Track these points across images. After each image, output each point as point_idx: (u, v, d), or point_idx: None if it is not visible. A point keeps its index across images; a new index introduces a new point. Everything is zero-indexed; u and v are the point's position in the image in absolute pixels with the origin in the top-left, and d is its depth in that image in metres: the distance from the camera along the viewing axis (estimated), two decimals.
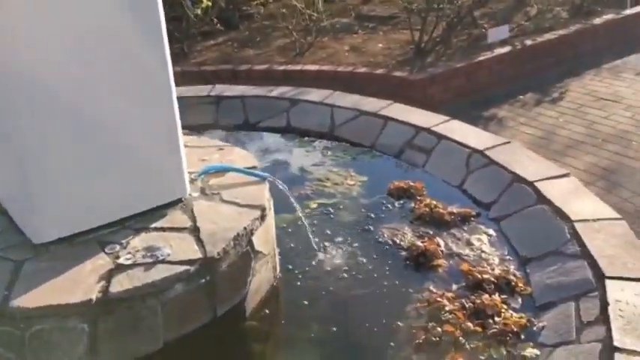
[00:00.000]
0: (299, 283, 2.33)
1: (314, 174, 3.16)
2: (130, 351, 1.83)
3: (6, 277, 1.82)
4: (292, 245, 2.54)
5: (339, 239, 2.58)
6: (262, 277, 2.20)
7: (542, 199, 2.59)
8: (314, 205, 2.83)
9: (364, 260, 2.45)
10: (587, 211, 2.46)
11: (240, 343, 2.11)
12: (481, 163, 2.99)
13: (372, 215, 2.76)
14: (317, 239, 2.54)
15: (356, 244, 2.54)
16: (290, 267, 2.41)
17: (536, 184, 2.69)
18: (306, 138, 3.58)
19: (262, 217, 2.17)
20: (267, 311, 2.20)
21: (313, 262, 2.44)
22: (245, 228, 2.06)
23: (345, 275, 2.37)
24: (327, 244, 2.55)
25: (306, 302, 2.23)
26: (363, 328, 2.11)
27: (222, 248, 1.95)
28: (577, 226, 2.36)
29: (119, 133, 1.98)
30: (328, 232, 2.63)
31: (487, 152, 3.02)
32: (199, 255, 1.91)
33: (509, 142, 3.13)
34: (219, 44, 6.78)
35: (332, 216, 2.76)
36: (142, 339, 1.84)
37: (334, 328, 2.12)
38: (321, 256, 2.47)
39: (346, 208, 2.84)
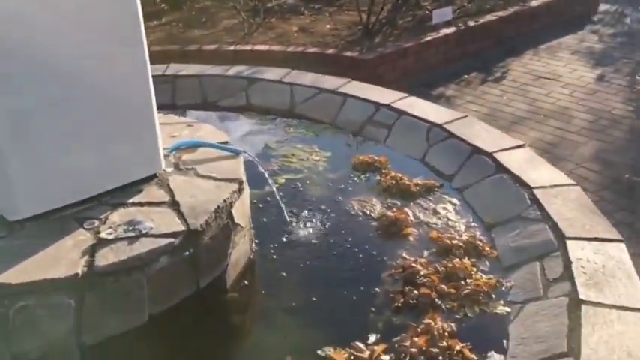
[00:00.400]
0: (275, 256, 2.36)
1: (278, 151, 3.19)
2: (115, 325, 1.82)
3: None
4: (265, 220, 2.56)
5: (311, 212, 2.63)
6: (241, 250, 2.22)
7: (501, 168, 2.72)
8: (282, 181, 2.86)
9: (337, 231, 2.50)
10: (544, 178, 2.60)
11: (222, 315, 2.13)
12: (441, 136, 3.09)
13: (340, 189, 2.82)
14: (289, 213, 2.58)
15: (327, 217, 2.60)
16: (265, 240, 2.44)
17: (494, 155, 2.82)
18: (267, 116, 3.60)
19: (240, 191, 2.19)
20: (246, 282, 2.23)
21: (287, 235, 2.47)
22: (225, 201, 2.07)
23: (320, 246, 2.42)
24: (299, 217, 2.59)
25: (284, 274, 2.27)
26: (341, 295, 2.17)
27: (204, 220, 1.96)
28: (536, 192, 2.50)
29: (95, 108, 1.94)
30: (299, 206, 2.67)
31: (446, 126, 3.13)
32: (182, 228, 1.92)
33: (466, 117, 3.25)
34: (163, 25, 6.64)
35: (301, 190, 2.81)
36: (128, 313, 1.83)
37: (313, 298, 2.17)
38: (294, 229, 2.51)
39: (314, 182, 2.88)
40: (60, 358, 1.77)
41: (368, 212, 2.63)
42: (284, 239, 2.46)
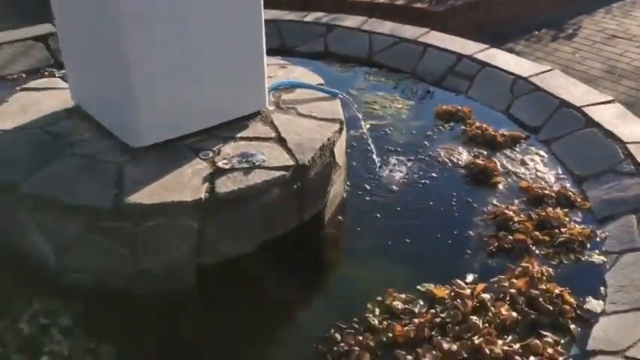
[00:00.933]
0: (367, 198, 2.42)
1: (360, 97, 3.21)
2: (229, 249, 1.93)
3: (111, 177, 1.87)
4: (354, 163, 2.62)
5: (398, 157, 2.67)
6: (337, 189, 2.30)
7: (591, 122, 2.71)
8: (367, 126, 2.90)
9: (425, 176, 2.55)
10: (637, 133, 2.58)
11: (319, 249, 2.22)
12: (526, 89, 3.08)
13: (425, 136, 2.85)
14: (377, 157, 2.63)
15: (415, 162, 2.65)
16: (356, 182, 2.51)
17: (583, 109, 2.80)
18: (346, 64, 3.61)
19: (340, 131, 2.25)
20: (340, 218, 2.31)
21: (377, 178, 2.54)
22: (328, 139, 2.14)
23: (410, 190, 2.48)
24: (387, 161, 2.64)
25: (377, 215, 2.33)
26: (434, 237, 2.23)
27: (311, 157, 2.03)
28: (630, 147, 2.49)
29: (212, 43, 2.01)
30: (386, 150, 2.72)
31: (531, 79, 3.11)
32: (292, 162, 1.99)
33: (551, 70, 3.22)
34: None
35: (386, 136, 2.85)
36: (241, 238, 1.94)
37: (407, 240, 2.22)
38: (383, 172, 2.57)
39: (398, 129, 2.92)
40: (179, 276, 1.89)
41: (455, 160, 2.66)
42: (374, 181, 2.52)
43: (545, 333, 1.76)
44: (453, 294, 1.89)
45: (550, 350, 1.70)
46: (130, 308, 1.85)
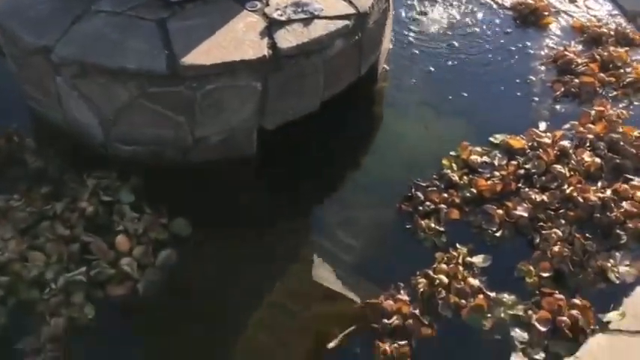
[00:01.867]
0: (415, 50, 2.24)
1: None
2: (291, 111, 1.77)
3: (156, 36, 1.63)
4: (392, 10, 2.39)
5: (436, 2, 2.46)
6: (386, 39, 2.10)
7: None
8: None
9: (471, 21, 2.37)
10: None
11: (374, 106, 2.08)
12: None
13: None
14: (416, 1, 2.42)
15: (456, 6, 2.44)
16: (399, 30, 2.31)
17: None
18: None
19: None
20: (388, 69, 2.14)
21: (420, 25, 2.34)
22: None
23: (457, 37, 2.30)
24: (426, 6, 2.43)
25: (431, 68, 2.16)
26: (493, 86, 2.10)
27: (371, 3, 1.81)
28: None
29: None
30: None
31: None
32: (352, 10, 1.77)
33: None
34: None
35: None
36: (304, 97, 1.77)
37: (464, 93, 2.06)
38: (423, 18, 2.37)
39: None
40: (238, 142, 1.74)
41: (499, 1, 2.46)
42: (418, 29, 2.33)
43: (630, 177, 1.71)
44: (531, 144, 1.80)
45: None
46: (190, 179, 1.71)
